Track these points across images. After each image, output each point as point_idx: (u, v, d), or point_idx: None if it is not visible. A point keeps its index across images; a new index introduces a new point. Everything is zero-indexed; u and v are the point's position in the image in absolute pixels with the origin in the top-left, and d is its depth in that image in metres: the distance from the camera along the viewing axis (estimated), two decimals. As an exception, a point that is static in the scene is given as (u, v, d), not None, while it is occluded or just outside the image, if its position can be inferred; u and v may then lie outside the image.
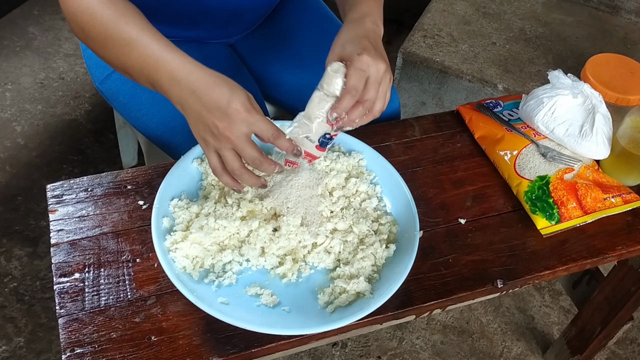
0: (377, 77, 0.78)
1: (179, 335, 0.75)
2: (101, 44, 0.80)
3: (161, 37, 0.78)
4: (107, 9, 0.78)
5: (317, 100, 0.79)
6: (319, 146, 0.82)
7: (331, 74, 0.78)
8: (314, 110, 0.79)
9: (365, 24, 0.84)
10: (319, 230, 0.83)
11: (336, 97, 0.78)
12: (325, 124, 0.80)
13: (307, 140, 0.81)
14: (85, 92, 1.97)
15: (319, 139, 0.81)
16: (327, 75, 0.78)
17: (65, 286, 0.78)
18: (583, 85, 0.95)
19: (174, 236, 0.79)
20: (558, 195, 0.92)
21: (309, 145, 0.81)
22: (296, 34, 1.16)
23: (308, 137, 0.80)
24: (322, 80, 0.79)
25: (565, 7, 1.86)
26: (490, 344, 1.48)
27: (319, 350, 1.42)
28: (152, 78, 0.78)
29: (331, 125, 0.80)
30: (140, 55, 0.77)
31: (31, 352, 1.36)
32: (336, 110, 0.77)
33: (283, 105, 1.21)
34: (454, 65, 1.62)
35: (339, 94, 0.78)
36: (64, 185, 0.90)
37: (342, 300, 0.78)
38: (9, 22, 2.19)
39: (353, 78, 0.77)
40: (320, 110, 0.79)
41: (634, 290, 1.13)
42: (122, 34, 0.78)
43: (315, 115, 0.79)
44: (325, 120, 0.79)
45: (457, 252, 0.88)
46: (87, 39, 0.82)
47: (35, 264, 1.51)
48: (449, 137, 1.05)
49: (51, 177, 1.71)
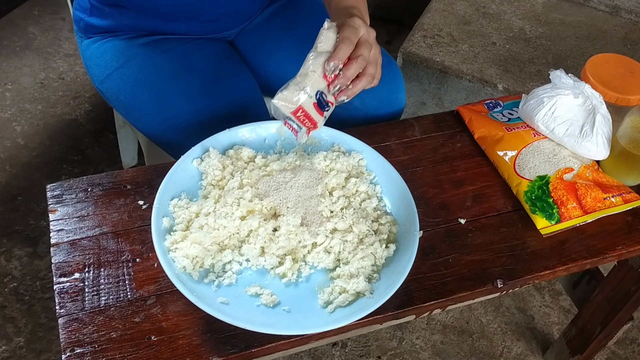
0: (368, 38, 0.83)
1: (179, 335, 0.75)
2: None
3: None
4: None
5: (311, 60, 0.80)
6: (317, 105, 0.81)
7: (324, 31, 0.80)
8: (308, 67, 0.80)
9: (353, 12, 0.89)
10: (319, 230, 0.83)
11: (329, 53, 0.80)
12: (322, 79, 0.80)
13: (305, 95, 0.80)
14: (85, 92, 1.97)
15: (316, 94, 0.80)
16: (320, 34, 0.81)
17: (65, 286, 0.78)
18: (584, 86, 0.95)
19: (174, 236, 0.79)
20: (558, 195, 0.92)
21: (308, 102, 0.80)
22: (296, 26, 1.16)
23: (305, 89, 0.80)
24: (316, 41, 0.81)
25: (565, 7, 1.86)
26: (490, 344, 1.48)
27: (319, 350, 1.42)
28: None
29: (328, 82, 0.81)
30: None
31: (31, 352, 1.36)
32: (333, 60, 0.79)
33: None
34: (454, 65, 1.62)
35: (331, 49, 0.80)
36: (64, 185, 0.90)
37: (342, 300, 0.78)
38: (9, 22, 2.19)
39: (346, 30, 0.81)
40: (316, 65, 0.80)
41: (634, 290, 1.13)
42: None
43: (311, 70, 0.80)
44: (321, 75, 0.80)
45: (457, 252, 0.88)
46: None
47: (35, 264, 1.51)
48: (449, 137, 1.05)
49: (51, 177, 1.71)
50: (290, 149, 0.95)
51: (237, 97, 1.06)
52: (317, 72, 0.80)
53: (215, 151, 0.89)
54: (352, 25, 0.81)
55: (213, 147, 0.90)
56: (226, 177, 0.88)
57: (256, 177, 0.87)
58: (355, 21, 0.82)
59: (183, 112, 1.01)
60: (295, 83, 0.80)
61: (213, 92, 1.03)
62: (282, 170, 0.88)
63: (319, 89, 0.81)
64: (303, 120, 0.82)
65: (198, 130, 0.98)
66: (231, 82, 1.06)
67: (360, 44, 0.82)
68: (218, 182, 0.88)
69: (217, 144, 0.91)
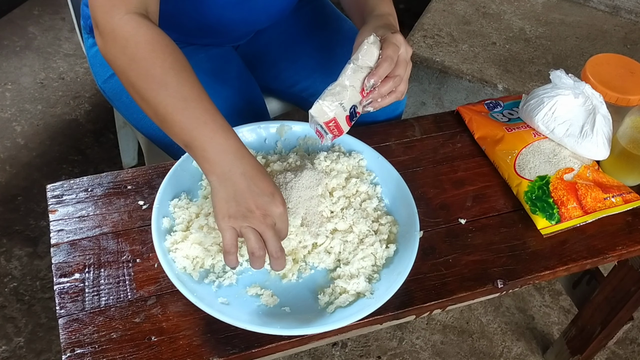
0: (406, 57, 0.84)
1: (179, 336, 0.75)
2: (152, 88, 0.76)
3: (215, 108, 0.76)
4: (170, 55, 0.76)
5: (350, 71, 0.81)
6: (349, 117, 0.83)
7: (368, 45, 0.82)
8: (348, 79, 0.81)
9: (390, 20, 0.91)
10: (319, 230, 0.83)
11: (370, 68, 0.82)
12: (358, 94, 0.82)
13: (340, 108, 0.82)
14: (85, 92, 1.97)
15: (350, 109, 0.83)
16: (363, 47, 0.82)
17: (65, 286, 0.78)
18: (585, 86, 0.95)
19: (174, 236, 0.79)
20: (558, 195, 0.92)
21: (341, 114, 0.82)
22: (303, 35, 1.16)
23: (342, 104, 0.82)
24: (357, 52, 0.82)
25: (565, 7, 1.86)
26: (490, 344, 1.48)
27: (319, 350, 1.42)
28: (199, 141, 0.74)
29: (363, 97, 0.82)
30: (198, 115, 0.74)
31: (31, 352, 1.36)
32: (374, 77, 0.81)
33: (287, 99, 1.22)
34: (454, 65, 1.62)
35: (373, 66, 0.82)
36: (64, 185, 0.89)
37: (342, 300, 0.78)
38: (9, 22, 2.19)
39: (390, 49, 0.82)
40: (354, 79, 0.81)
41: (634, 290, 1.13)
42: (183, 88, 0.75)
43: (350, 84, 0.81)
44: (359, 88, 0.82)
45: (457, 252, 0.88)
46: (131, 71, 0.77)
47: (35, 264, 1.51)
48: (449, 137, 1.05)
49: (51, 177, 1.71)
50: (290, 150, 0.95)
51: (239, 98, 1.06)
52: (356, 88, 0.82)
53: (216, 151, 0.89)
54: (394, 43, 0.82)
55: (213, 147, 0.90)
56: (226, 177, 0.88)
57: (256, 178, 0.87)
58: (398, 38, 0.83)
59: None
60: (332, 94, 0.81)
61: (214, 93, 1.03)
62: (282, 170, 0.88)
63: (355, 103, 0.83)
64: (332, 129, 0.84)
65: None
66: (233, 83, 1.06)
67: (399, 62, 0.83)
68: (218, 182, 0.88)
69: (217, 144, 0.91)
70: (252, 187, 0.73)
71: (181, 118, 0.75)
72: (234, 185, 0.73)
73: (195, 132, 0.74)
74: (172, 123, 0.76)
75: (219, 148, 0.74)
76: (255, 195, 0.73)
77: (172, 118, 0.75)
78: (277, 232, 0.74)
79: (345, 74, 0.82)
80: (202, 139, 0.74)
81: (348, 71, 0.82)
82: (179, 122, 0.75)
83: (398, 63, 0.83)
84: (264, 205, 0.72)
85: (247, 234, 0.72)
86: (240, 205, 0.72)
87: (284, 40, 1.17)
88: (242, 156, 0.75)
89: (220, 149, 0.74)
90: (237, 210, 0.72)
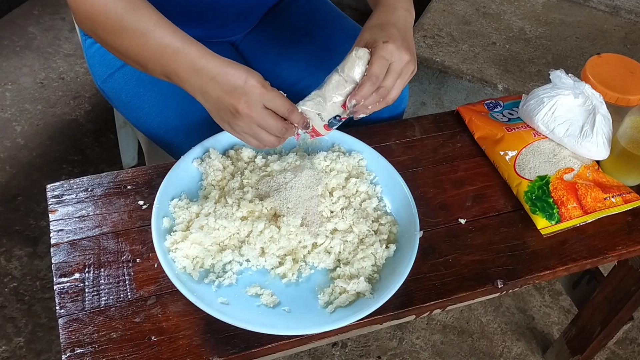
0: (398, 67, 0.79)
1: (179, 336, 0.75)
2: (114, 35, 0.80)
3: (177, 28, 0.80)
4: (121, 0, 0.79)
5: (335, 83, 0.80)
6: (327, 126, 0.83)
7: (355, 59, 0.78)
8: (330, 91, 0.80)
9: (397, 10, 0.85)
10: (319, 230, 0.83)
11: (355, 82, 0.79)
12: (339, 107, 0.81)
13: (317, 117, 0.81)
14: (85, 92, 1.97)
15: (330, 119, 0.82)
16: (349, 59, 0.79)
17: (65, 286, 0.78)
18: (584, 86, 0.95)
19: (174, 236, 0.79)
20: (558, 195, 0.92)
21: (318, 122, 0.82)
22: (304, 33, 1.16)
23: (320, 114, 0.81)
24: (344, 63, 0.79)
25: (565, 7, 1.86)
26: (490, 344, 1.48)
27: (319, 350, 1.42)
28: (170, 67, 0.79)
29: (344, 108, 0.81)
30: (157, 45, 0.78)
31: (31, 352, 1.36)
32: (355, 97, 0.79)
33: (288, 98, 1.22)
34: (454, 65, 1.62)
35: (358, 80, 0.79)
36: (64, 185, 0.89)
37: (342, 300, 0.78)
38: (9, 22, 2.19)
39: (375, 66, 0.78)
40: (336, 93, 0.80)
41: (634, 290, 1.13)
42: (139, 24, 0.78)
43: (331, 97, 0.80)
44: (340, 103, 0.80)
45: (457, 252, 0.88)
46: (97, 29, 0.82)
47: (35, 264, 1.51)
48: (449, 137, 1.05)
49: (51, 177, 1.71)
50: (290, 149, 0.95)
51: None
52: (337, 102, 0.80)
53: (216, 151, 0.89)
54: (383, 56, 0.78)
55: (213, 147, 0.90)
56: (226, 177, 0.88)
57: (256, 178, 0.87)
58: (388, 49, 0.78)
59: (184, 112, 1.01)
60: (313, 103, 0.81)
61: None
62: (282, 170, 0.88)
63: (334, 114, 0.82)
64: (310, 133, 0.84)
65: (198, 130, 0.98)
66: None
67: (388, 74, 0.79)
68: (218, 182, 0.88)
69: (217, 144, 0.91)
70: (223, 86, 0.76)
71: (146, 54, 0.79)
72: (211, 94, 0.77)
73: (162, 61, 0.79)
74: (144, 63, 0.80)
75: (185, 67, 0.77)
76: (229, 93, 0.75)
77: (142, 57, 0.80)
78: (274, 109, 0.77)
79: (329, 86, 0.80)
80: (171, 65, 0.78)
81: (332, 83, 0.80)
82: (147, 58, 0.80)
83: (387, 75, 0.79)
84: (240, 97, 0.75)
85: (245, 139, 0.78)
86: (223, 110, 0.77)
87: (286, 39, 1.17)
88: (206, 62, 0.77)
89: (186, 67, 0.77)
90: (224, 118, 0.78)
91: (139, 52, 0.80)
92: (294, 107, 0.79)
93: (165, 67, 0.79)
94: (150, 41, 0.78)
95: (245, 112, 0.75)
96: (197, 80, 0.77)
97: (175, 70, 0.78)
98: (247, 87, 0.75)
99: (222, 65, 0.77)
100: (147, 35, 0.78)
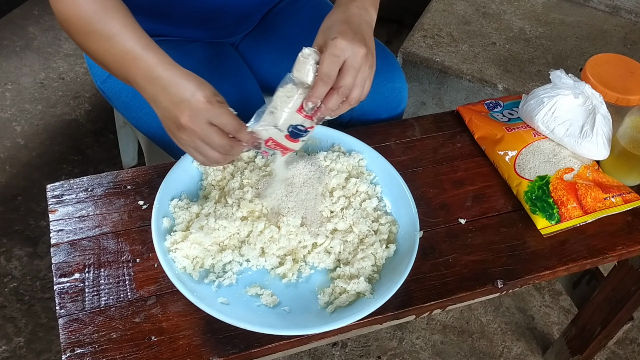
0: (354, 62, 0.74)
1: (179, 336, 0.75)
2: (83, 37, 0.81)
3: (143, 34, 0.79)
4: (93, 2, 0.79)
5: (285, 89, 0.75)
6: (289, 136, 0.77)
7: (301, 60, 0.74)
8: (281, 98, 0.75)
9: (350, 8, 0.81)
10: (319, 230, 0.83)
11: (306, 85, 0.74)
12: (296, 114, 0.75)
13: (275, 130, 0.76)
14: (85, 92, 1.97)
15: (288, 128, 0.76)
16: (296, 61, 0.75)
17: (65, 286, 0.78)
18: (584, 86, 0.95)
19: (174, 236, 0.79)
20: (558, 195, 0.92)
21: (278, 135, 0.77)
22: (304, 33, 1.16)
23: (276, 125, 0.76)
24: (293, 67, 0.75)
25: (565, 7, 1.86)
26: (490, 344, 1.48)
27: (319, 350, 1.42)
28: (130, 74, 0.78)
29: (307, 117, 0.76)
30: (120, 51, 0.78)
31: (31, 352, 1.36)
32: (311, 100, 0.74)
33: None
34: (454, 65, 1.62)
35: (310, 82, 0.74)
36: (64, 185, 0.90)
37: (342, 300, 0.78)
38: (9, 22, 2.19)
39: (325, 64, 0.73)
40: (287, 99, 0.75)
41: (634, 290, 1.13)
42: (105, 29, 0.78)
43: (282, 104, 0.75)
44: (294, 109, 0.75)
45: (457, 252, 0.88)
46: (69, 30, 0.82)
47: (35, 264, 1.51)
48: (449, 137, 1.05)
49: (51, 177, 1.71)
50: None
51: (238, 97, 1.06)
52: (292, 108, 0.75)
53: (216, 151, 0.89)
54: (333, 53, 0.73)
55: (213, 147, 0.90)
56: (226, 177, 0.88)
57: (256, 178, 0.87)
58: (339, 45, 0.73)
59: None
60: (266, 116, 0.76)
61: None
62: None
63: (294, 123, 0.76)
64: (274, 147, 0.79)
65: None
66: (232, 82, 1.06)
67: (344, 71, 0.74)
68: (218, 182, 0.88)
69: (217, 144, 0.91)
70: (172, 97, 0.75)
71: (110, 58, 0.79)
72: (162, 103, 0.76)
73: (124, 66, 0.78)
74: (109, 67, 0.81)
75: (142, 74, 0.77)
76: (175, 104, 0.74)
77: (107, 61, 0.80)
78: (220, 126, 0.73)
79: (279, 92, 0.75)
80: (131, 72, 0.78)
81: (283, 89, 0.75)
82: (111, 62, 0.80)
83: (342, 72, 0.74)
84: (184, 109, 0.73)
85: (190, 153, 0.77)
86: (169, 121, 0.76)
87: (285, 39, 1.16)
88: (162, 70, 0.76)
89: (142, 74, 0.77)
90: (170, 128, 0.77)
91: (104, 56, 0.80)
92: (242, 126, 0.75)
93: (126, 72, 0.78)
94: (113, 46, 0.78)
95: (188, 125, 0.73)
96: (152, 88, 0.76)
97: (133, 77, 0.78)
98: (192, 100, 0.73)
99: (176, 76, 0.75)
100: (111, 40, 0.78)
